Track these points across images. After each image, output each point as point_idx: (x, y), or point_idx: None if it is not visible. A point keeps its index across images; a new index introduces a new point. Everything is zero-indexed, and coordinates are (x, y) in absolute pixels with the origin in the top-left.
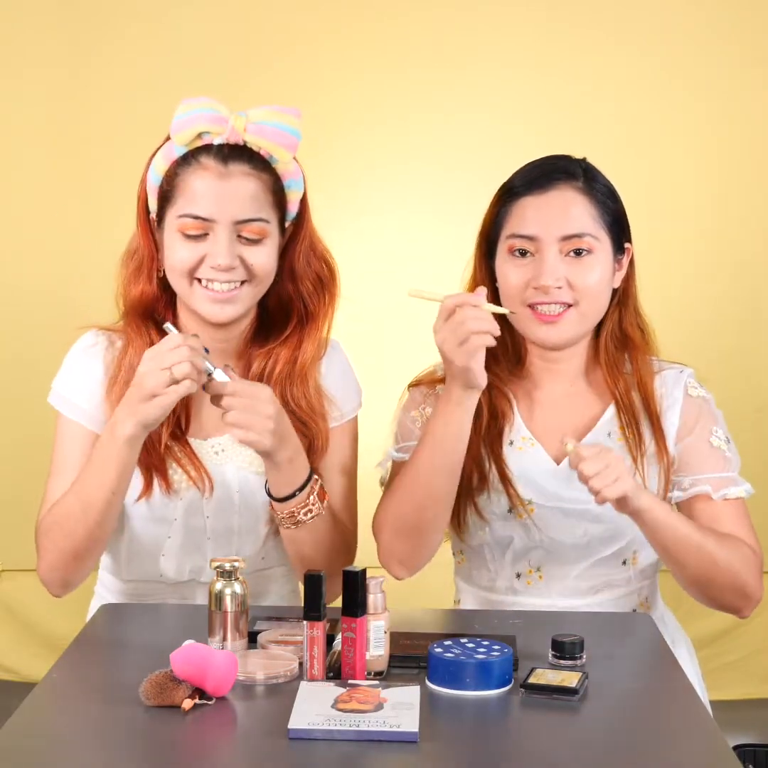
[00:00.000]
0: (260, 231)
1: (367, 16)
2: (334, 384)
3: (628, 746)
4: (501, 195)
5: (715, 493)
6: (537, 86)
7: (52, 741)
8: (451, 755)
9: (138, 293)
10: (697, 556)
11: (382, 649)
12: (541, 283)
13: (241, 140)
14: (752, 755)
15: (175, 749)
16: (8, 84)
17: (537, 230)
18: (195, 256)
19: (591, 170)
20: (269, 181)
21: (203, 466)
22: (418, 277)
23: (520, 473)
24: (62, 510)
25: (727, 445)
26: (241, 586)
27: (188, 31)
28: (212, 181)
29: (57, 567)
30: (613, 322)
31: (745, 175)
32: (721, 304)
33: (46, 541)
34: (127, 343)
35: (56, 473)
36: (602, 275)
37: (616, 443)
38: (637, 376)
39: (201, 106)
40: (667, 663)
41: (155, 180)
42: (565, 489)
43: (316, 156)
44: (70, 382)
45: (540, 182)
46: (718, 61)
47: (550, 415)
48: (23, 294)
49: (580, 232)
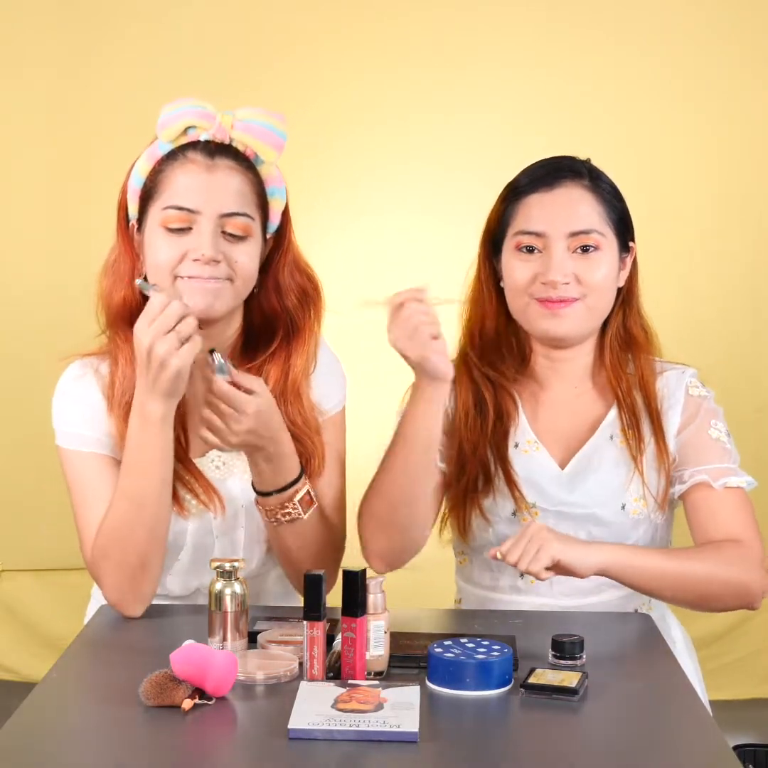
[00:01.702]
0: (245, 227)
1: (366, 17)
2: (318, 379)
3: (628, 746)
4: (507, 194)
5: (716, 482)
6: (537, 86)
7: (52, 741)
8: (451, 755)
9: (120, 300)
10: (682, 585)
11: (382, 649)
12: (549, 279)
13: (228, 138)
14: (752, 755)
15: (175, 749)
16: (8, 85)
17: (544, 227)
18: (177, 252)
19: (595, 170)
20: (254, 181)
21: (212, 486)
22: (417, 277)
23: (525, 476)
24: (114, 522)
25: (728, 438)
26: (241, 586)
27: (188, 32)
28: (199, 174)
29: (126, 584)
30: (617, 322)
31: (746, 174)
32: (722, 304)
33: (106, 563)
34: (116, 357)
35: (84, 506)
36: (609, 272)
37: (618, 446)
38: (639, 375)
39: (188, 103)
40: (667, 663)
41: (137, 182)
42: (568, 493)
43: (316, 156)
44: (71, 417)
45: (546, 180)
46: (719, 61)
47: (555, 417)
48: (23, 293)
49: (587, 229)
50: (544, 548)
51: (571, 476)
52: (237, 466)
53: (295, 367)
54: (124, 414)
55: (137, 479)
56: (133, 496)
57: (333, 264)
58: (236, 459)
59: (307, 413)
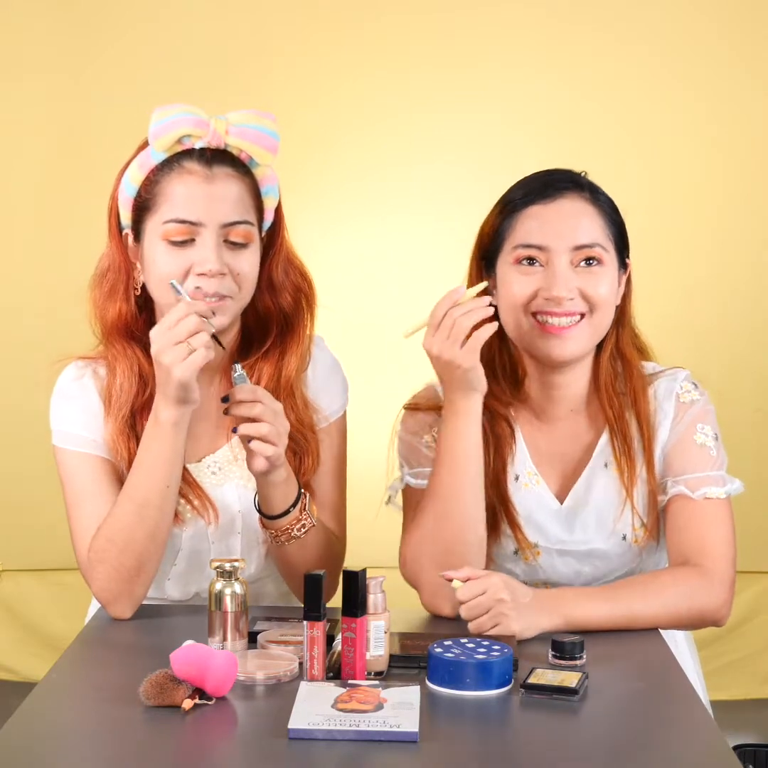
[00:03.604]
0: (247, 234)
1: (366, 17)
2: (319, 385)
3: (628, 746)
4: (502, 207)
5: (695, 492)
6: (539, 87)
7: (52, 741)
8: (451, 755)
9: (116, 313)
10: (642, 624)
11: (382, 649)
12: (553, 294)
13: (223, 143)
14: (752, 755)
15: (175, 749)
16: (8, 86)
17: (548, 240)
18: (182, 266)
19: (593, 184)
20: (251, 185)
21: (206, 494)
22: (418, 278)
23: (526, 515)
24: (115, 524)
25: (714, 442)
26: (241, 586)
27: (189, 32)
28: (198, 185)
29: (120, 586)
30: (611, 343)
31: (749, 177)
32: (722, 305)
33: (101, 565)
34: (113, 367)
35: (78, 505)
36: (612, 287)
37: (611, 474)
38: (632, 398)
39: (179, 110)
40: (667, 663)
41: (130, 192)
42: (568, 532)
43: (316, 156)
44: (68, 417)
45: (547, 191)
46: (719, 61)
47: (552, 443)
48: (22, 292)
49: (591, 242)
50: (499, 628)
51: (569, 511)
52: (233, 471)
53: (289, 364)
54: (120, 428)
55: (143, 483)
56: (136, 500)
57: (333, 264)
58: (232, 464)
59: (301, 411)
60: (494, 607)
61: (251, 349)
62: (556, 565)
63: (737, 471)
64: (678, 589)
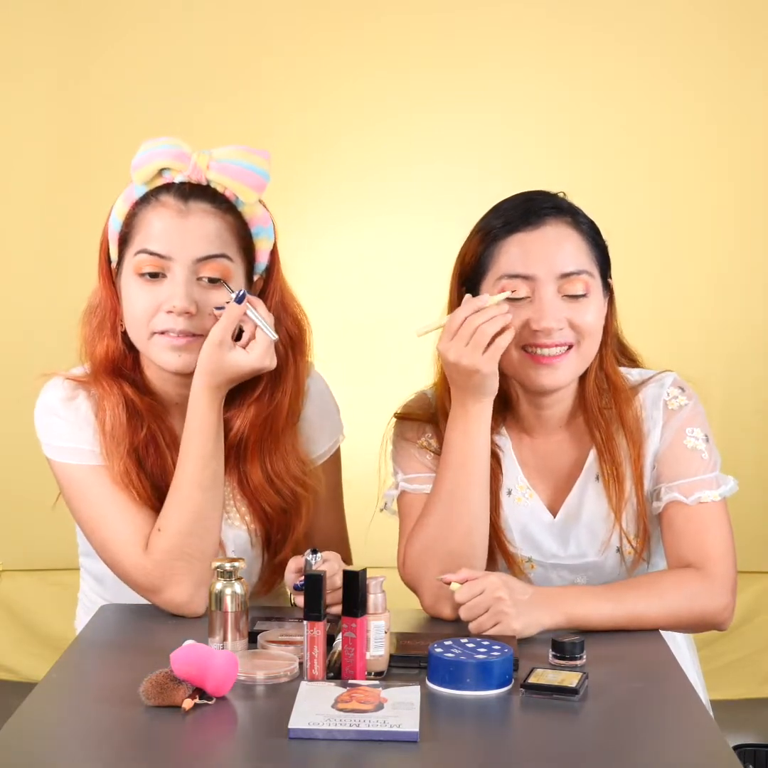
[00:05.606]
0: (222, 268)
1: (366, 17)
2: (313, 423)
3: (628, 746)
4: (483, 235)
5: (689, 497)
6: (539, 87)
7: (52, 741)
8: (451, 755)
9: (103, 350)
10: (642, 625)
11: (383, 649)
12: (543, 326)
13: (204, 179)
14: (752, 755)
15: (175, 749)
16: (8, 86)
17: (533, 269)
18: (151, 304)
19: (573, 205)
20: (234, 224)
21: None
22: (418, 278)
23: (520, 529)
24: (189, 514)
25: (705, 444)
26: (241, 586)
27: (189, 33)
28: (170, 219)
29: (199, 580)
30: (596, 364)
31: (747, 178)
32: (721, 305)
33: (180, 563)
34: (102, 402)
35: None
36: (599, 313)
37: (602, 490)
38: (618, 411)
39: (162, 143)
40: (667, 663)
41: (116, 226)
42: (562, 547)
43: (316, 156)
44: (63, 432)
45: (529, 218)
46: (719, 61)
47: (543, 458)
48: (22, 291)
49: (578, 270)
50: (499, 627)
51: (562, 524)
52: (229, 513)
53: (281, 410)
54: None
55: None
56: (200, 483)
57: (333, 264)
58: (229, 507)
59: (290, 462)
60: (493, 606)
61: (244, 396)
62: (551, 578)
63: (737, 472)
64: (680, 591)
